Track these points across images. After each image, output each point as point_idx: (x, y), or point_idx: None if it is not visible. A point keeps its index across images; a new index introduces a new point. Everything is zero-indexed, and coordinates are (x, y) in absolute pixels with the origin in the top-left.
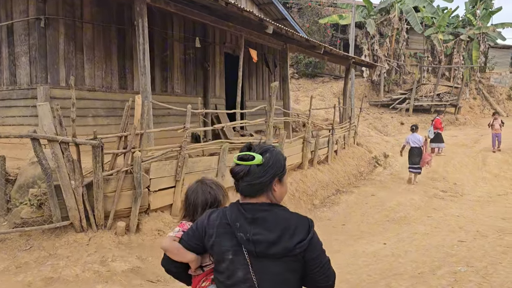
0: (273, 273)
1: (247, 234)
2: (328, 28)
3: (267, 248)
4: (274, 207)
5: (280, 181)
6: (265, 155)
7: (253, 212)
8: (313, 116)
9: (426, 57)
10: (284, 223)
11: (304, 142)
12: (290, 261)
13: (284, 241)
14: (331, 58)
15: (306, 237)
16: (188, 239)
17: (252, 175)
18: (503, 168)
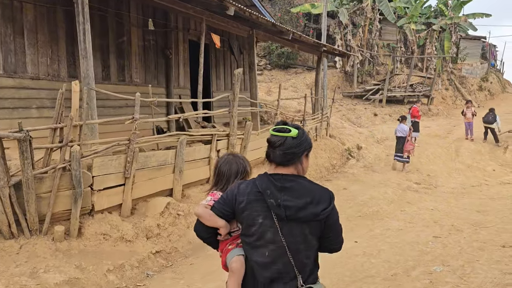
0: (298, 234)
1: (278, 200)
2: (301, 17)
3: (296, 212)
4: (300, 178)
5: (307, 156)
6: (299, 130)
7: (282, 181)
8: (285, 107)
9: (399, 48)
10: (310, 192)
11: None
12: (314, 225)
13: (311, 207)
14: (301, 46)
15: (329, 206)
16: (219, 206)
17: (287, 145)
18: (476, 159)
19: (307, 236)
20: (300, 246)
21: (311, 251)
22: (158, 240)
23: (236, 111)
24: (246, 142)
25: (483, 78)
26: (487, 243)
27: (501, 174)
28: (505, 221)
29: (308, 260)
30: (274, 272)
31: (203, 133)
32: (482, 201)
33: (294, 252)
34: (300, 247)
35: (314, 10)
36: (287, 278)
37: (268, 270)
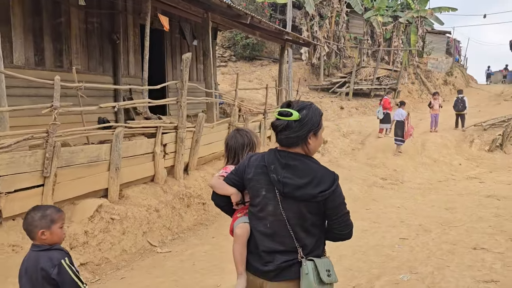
0: (296, 211)
1: (279, 176)
2: (266, 7)
3: (293, 190)
4: (306, 157)
5: (315, 135)
6: (302, 112)
7: (287, 158)
8: (249, 100)
9: (365, 40)
10: (312, 172)
11: (230, 127)
12: (312, 205)
13: (310, 188)
14: (263, 33)
15: (329, 188)
16: (230, 176)
17: (289, 129)
18: (442, 153)
19: (305, 214)
20: (299, 222)
21: (312, 229)
22: (84, 250)
23: (185, 101)
24: (198, 136)
25: (448, 73)
26: (457, 244)
27: (468, 169)
28: (474, 219)
29: (309, 236)
30: (275, 243)
31: (144, 125)
32: (450, 197)
33: (293, 226)
34: (299, 222)
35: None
36: (288, 250)
37: (269, 241)
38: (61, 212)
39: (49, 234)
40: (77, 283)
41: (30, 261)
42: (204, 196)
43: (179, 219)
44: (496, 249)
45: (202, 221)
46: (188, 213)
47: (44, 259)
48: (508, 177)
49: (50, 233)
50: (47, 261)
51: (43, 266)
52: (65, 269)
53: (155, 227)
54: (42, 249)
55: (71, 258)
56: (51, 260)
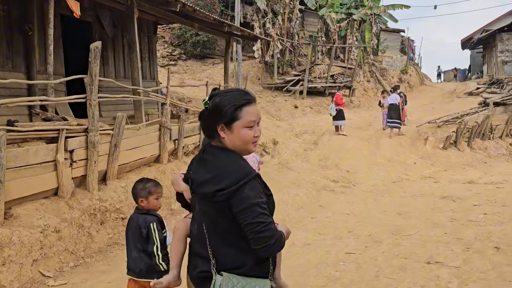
0: (205, 213)
1: (190, 171)
2: (216, 3)
3: (196, 187)
4: (223, 151)
5: (228, 128)
6: (213, 99)
7: (207, 153)
8: (197, 100)
9: (320, 37)
10: (219, 169)
11: (162, 128)
12: (216, 206)
13: (210, 185)
14: (202, 26)
15: (229, 187)
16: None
17: (202, 117)
18: (396, 152)
19: (213, 217)
20: (211, 225)
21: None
22: None
23: (95, 98)
24: (118, 140)
25: (402, 71)
26: (409, 258)
27: (422, 168)
28: (429, 225)
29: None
30: (198, 246)
31: (39, 128)
32: (404, 200)
33: (208, 230)
34: (211, 226)
35: None
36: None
37: (194, 242)
38: (158, 187)
39: (146, 203)
40: (157, 244)
41: (133, 219)
42: (125, 210)
43: (88, 239)
44: (452, 262)
45: (119, 239)
46: (101, 231)
47: (141, 220)
48: (462, 175)
49: (147, 202)
50: (143, 221)
51: (139, 224)
52: (151, 230)
53: (53, 252)
54: (141, 212)
55: (161, 224)
56: (145, 221)
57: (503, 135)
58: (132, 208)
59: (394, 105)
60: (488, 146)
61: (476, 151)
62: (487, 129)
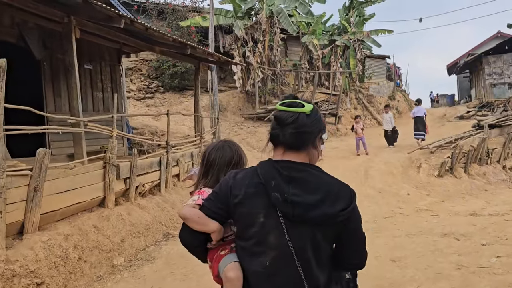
0: (308, 240)
1: (285, 194)
2: (194, 32)
3: (306, 211)
4: (313, 168)
5: (321, 138)
6: (314, 106)
7: (290, 170)
8: (172, 133)
9: (302, 64)
10: (326, 186)
11: (107, 165)
12: (328, 229)
13: (326, 205)
14: (163, 48)
15: (350, 205)
16: (210, 204)
17: (300, 123)
18: (387, 182)
19: (319, 242)
20: (312, 254)
21: (325, 262)
22: None
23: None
24: (39, 182)
25: (390, 97)
26: None
27: (416, 199)
28: (430, 276)
29: (322, 274)
30: (276, 286)
31: None
32: (398, 241)
33: (304, 261)
34: (310, 255)
35: (205, 23)
36: None
37: (269, 283)
38: None
39: None
40: None
41: None
42: (42, 272)
43: None
44: None
45: None
46: None
47: None
48: (463, 206)
49: None
50: None
51: None
52: None
53: None
54: None
55: None
56: None
57: (500, 159)
58: (53, 269)
59: (421, 118)
60: (486, 172)
61: (474, 177)
62: (484, 153)
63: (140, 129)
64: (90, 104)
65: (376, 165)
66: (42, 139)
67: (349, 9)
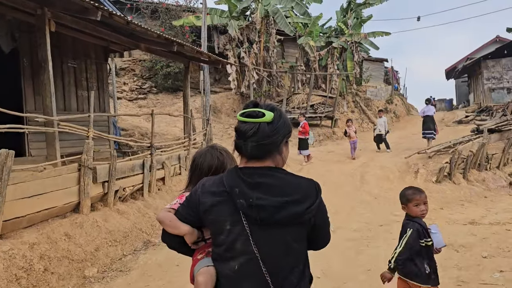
0: (277, 243)
1: (250, 199)
2: (187, 32)
3: (273, 214)
4: (277, 170)
5: (286, 142)
6: (274, 112)
7: (253, 176)
8: (162, 135)
9: (299, 66)
10: (291, 186)
11: (82, 168)
12: (297, 228)
13: (293, 206)
14: (149, 46)
15: (315, 201)
16: (182, 210)
17: (261, 134)
18: (384, 187)
19: (290, 243)
20: (280, 257)
21: (297, 263)
22: None
23: None
24: (0, 186)
25: (388, 101)
26: None
27: None
28: None
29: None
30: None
31: None
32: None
33: (271, 266)
34: (279, 258)
35: (199, 22)
36: None
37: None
38: (416, 194)
39: (406, 209)
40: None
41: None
42: (0, 286)
43: None
44: None
45: None
46: None
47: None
48: (462, 214)
49: (407, 208)
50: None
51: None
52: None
53: None
54: (407, 218)
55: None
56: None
57: (500, 164)
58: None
59: (430, 117)
60: (485, 178)
61: (473, 183)
62: (483, 159)
63: (130, 130)
64: (74, 103)
65: (372, 169)
66: (20, 139)
67: (346, 11)
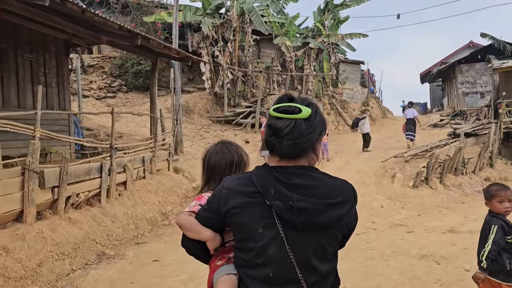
0: (313, 247)
1: (289, 201)
2: (159, 29)
3: (314, 217)
4: (312, 170)
5: (321, 140)
6: (311, 107)
7: (289, 176)
8: (130, 135)
9: (275, 66)
10: (330, 188)
11: (27, 172)
12: (335, 232)
13: (334, 208)
14: (111, 39)
15: (354, 205)
16: (203, 213)
17: (298, 132)
18: (360, 192)
19: (326, 248)
20: (316, 263)
21: (332, 267)
22: None
23: None
24: None
25: (364, 103)
26: None
27: (391, 212)
28: None
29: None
30: None
31: None
32: (371, 265)
33: (307, 272)
34: (315, 264)
35: (171, 18)
36: None
37: None
38: (501, 191)
39: (489, 205)
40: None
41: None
42: None
43: None
44: None
45: None
46: None
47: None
48: (440, 221)
49: (490, 204)
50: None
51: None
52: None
53: None
54: (491, 214)
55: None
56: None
57: (476, 169)
58: None
59: (412, 119)
60: (462, 183)
61: (450, 188)
62: (460, 163)
63: (96, 130)
64: (30, 100)
65: (349, 173)
66: None
67: (324, 12)
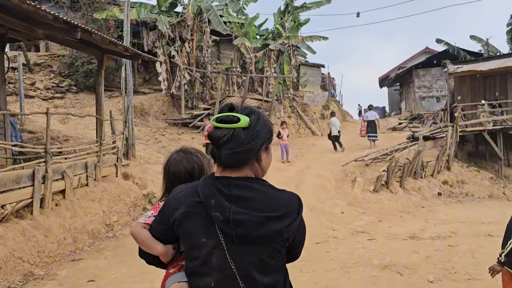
0: (252, 259)
1: (226, 213)
2: (112, 27)
3: (250, 230)
4: (255, 181)
5: (266, 149)
6: (251, 116)
7: (232, 187)
8: (77, 138)
9: (234, 68)
10: (271, 201)
11: None
12: (275, 246)
13: (273, 222)
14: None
15: (296, 218)
16: (155, 225)
17: (237, 141)
18: (320, 198)
19: (266, 261)
20: (258, 275)
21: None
22: None
23: None
24: None
25: (324, 106)
26: None
27: (352, 218)
28: None
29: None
30: None
31: None
32: (331, 277)
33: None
34: (257, 276)
35: (123, 15)
36: None
37: None
38: None
39: None
40: None
41: None
42: None
43: None
44: None
45: None
46: None
47: None
48: (402, 227)
49: None
50: None
51: None
52: None
53: None
54: None
55: None
56: None
57: (434, 172)
58: None
59: (373, 122)
60: (421, 186)
61: (410, 192)
62: (419, 166)
63: (39, 133)
64: None
65: (308, 178)
66: None
67: (284, 13)
